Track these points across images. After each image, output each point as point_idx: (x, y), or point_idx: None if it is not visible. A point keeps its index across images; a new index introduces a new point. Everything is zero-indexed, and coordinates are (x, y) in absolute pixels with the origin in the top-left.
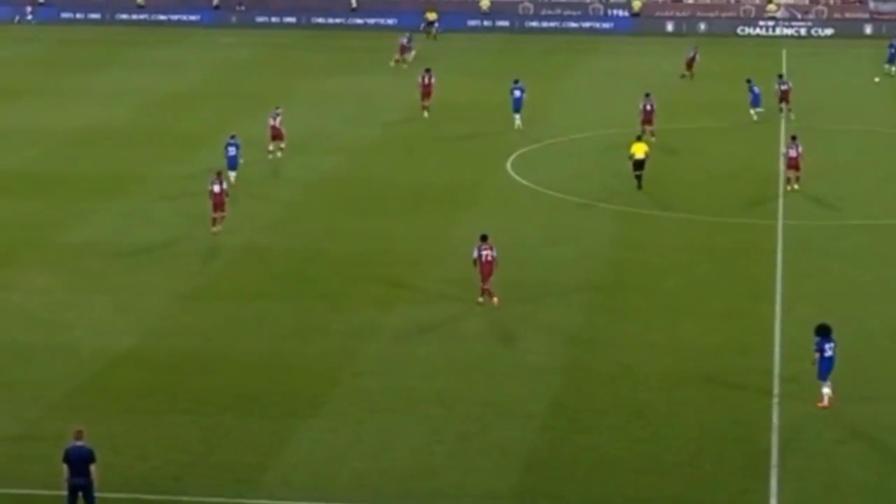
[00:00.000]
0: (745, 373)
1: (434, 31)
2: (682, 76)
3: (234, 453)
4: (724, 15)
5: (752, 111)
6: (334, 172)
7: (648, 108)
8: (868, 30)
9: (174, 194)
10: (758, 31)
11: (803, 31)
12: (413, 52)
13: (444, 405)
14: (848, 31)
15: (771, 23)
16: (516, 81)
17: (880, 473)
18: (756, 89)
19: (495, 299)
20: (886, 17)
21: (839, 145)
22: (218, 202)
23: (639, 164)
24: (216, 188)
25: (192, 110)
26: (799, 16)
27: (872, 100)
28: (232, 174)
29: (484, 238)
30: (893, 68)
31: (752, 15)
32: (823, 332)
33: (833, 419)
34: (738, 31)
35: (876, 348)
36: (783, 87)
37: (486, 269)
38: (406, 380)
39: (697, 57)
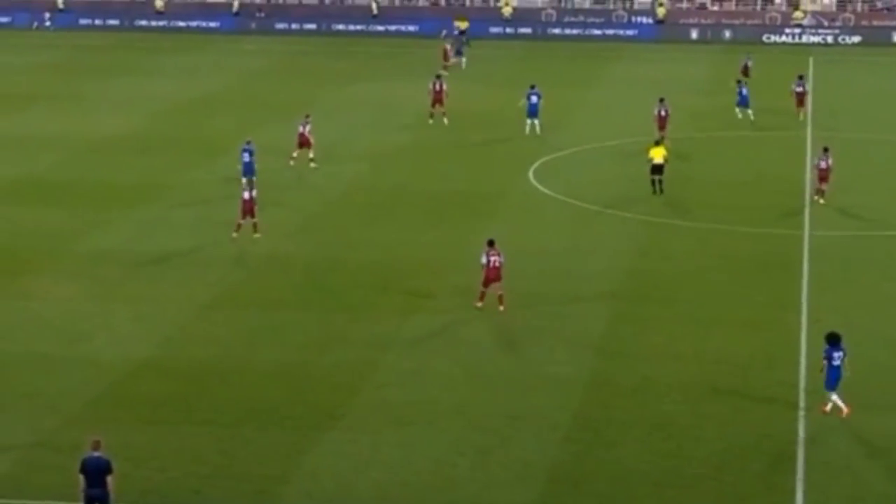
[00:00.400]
0: (771, 385)
1: (466, 38)
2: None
3: (254, 465)
4: (749, 22)
5: (737, 110)
6: (355, 180)
7: (663, 113)
8: None
9: (194, 202)
10: (784, 38)
11: (830, 39)
12: (454, 60)
13: (466, 416)
14: (876, 39)
15: (797, 30)
16: (532, 87)
17: None
18: (744, 90)
19: (496, 303)
20: None
21: (866, 155)
22: (248, 209)
23: (657, 169)
24: (246, 195)
25: (211, 117)
26: (826, 23)
27: None
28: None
29: (491, 243)
30: None
31: (779, 22)
32: (832, 341)
33: (858, 432)
34: (764, 38)
35: None
36: (798, 90)
37: (493, 274)
38: (426, 391)
39: (751, 63)
